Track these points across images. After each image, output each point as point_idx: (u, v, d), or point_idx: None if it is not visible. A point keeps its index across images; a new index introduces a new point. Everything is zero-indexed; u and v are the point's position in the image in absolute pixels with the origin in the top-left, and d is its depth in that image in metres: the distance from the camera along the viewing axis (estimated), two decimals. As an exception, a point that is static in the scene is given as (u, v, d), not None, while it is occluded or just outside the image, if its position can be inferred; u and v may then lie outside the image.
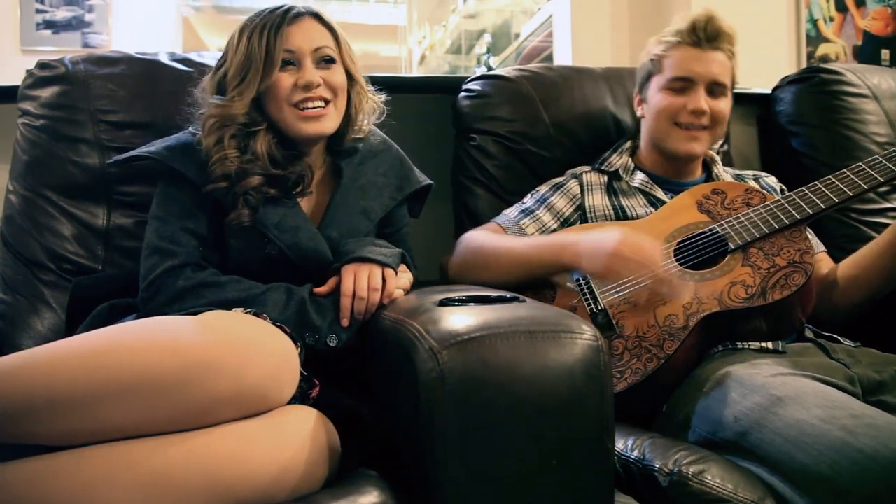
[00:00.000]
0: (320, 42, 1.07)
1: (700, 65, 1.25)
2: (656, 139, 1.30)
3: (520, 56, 4.22)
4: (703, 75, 1.25)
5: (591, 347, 0.75)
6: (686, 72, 1.25)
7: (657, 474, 0.84)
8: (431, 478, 0.71)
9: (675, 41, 1.27)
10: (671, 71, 1.27)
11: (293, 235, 1.05)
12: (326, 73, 1.07)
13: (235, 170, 1.02)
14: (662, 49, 1.28)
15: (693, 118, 1.25)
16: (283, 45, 1.04)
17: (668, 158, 1.31)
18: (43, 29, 2.99)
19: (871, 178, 1.10)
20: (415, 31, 5.70)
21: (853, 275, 1.21)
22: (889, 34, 2.28)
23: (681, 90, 1.26)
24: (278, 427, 0.78)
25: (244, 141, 1.05)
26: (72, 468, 0.71)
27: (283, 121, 1.06)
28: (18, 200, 1.26)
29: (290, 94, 1.05)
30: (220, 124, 1.04)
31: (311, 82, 1.04)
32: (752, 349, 1.08)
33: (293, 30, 1.05)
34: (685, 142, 1.26)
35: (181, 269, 0.99)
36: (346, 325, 0.99)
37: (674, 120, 1.26)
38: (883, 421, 0.79)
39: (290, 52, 1.05)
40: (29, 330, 1.20)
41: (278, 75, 1.04)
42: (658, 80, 1.29)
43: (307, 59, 1.06)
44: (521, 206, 1.33)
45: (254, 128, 1.05)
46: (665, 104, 1.26)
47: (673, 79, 1.26)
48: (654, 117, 1.29)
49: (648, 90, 1.32)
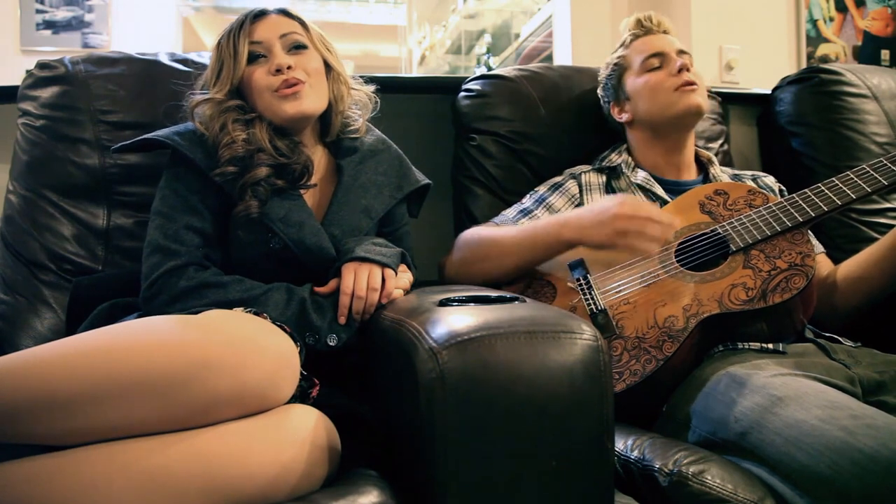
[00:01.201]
0: (286, 29, 1.11)
1: (661, 41, 1.34)
2: (658, 115, 1.31)
3: (520, 56, 4.22)
4: (669, 47, 1.33)
5: (591, 348, 0.75)
6: (654, 48, 1.33)
7: (657, 474, 0.84)
8: (431, 478, 0.71)
9: (629, 38, 1.37)
10: (640, 55, 1.33)
11: (298, 230, 1.05)
12: (298, 58, 1.09)
13: (243, 154, 1.03)
14: (622, 50, 1.38)
15: (680, 76, 1.29)
16: (248, 38, 1.08)
17: (672, 134, 1.32)
18: (43, 29, 2.99)
19: (875, 181, 1.10)
20: (415, 32, 5.70)
21: (854, 277, 1.21)
22: (889, 34, 2.28)
23: (658, 67, 1.31)
24: (278, 427, 0.78)
25: (245, 126, 1.07)
26: (71, 468, 0.71)
27: (266, 109, 1.09)
28: (18, 200, 1.26)
29: (268, 81, 1.07)
30: (218, 110, 1.06)
31: (281, 64, 1.07)
32: (752, 349, 1.08)
33: (257, 25, 1.10)
34: (686, 97, 1.28)
35: (183, 269, 0.99)
36: (344, 322, 0.99)
37: (672, 86, 1.29)
38: (883, 421, 0.79)
39: (257, 44, 1.09)
40: (29, 330, 1.20)
41: (250, 69, 1.08)
42: (631, 72, 1.35)
43: (276, 47, 1.09)
44: (520, 206, 1.34)
45: (250, 114, 1.08)
46: (656, 79, 1.31)
47: (645, 58, 1.32)
48: (649, 97, 1.31)
49: (626, 88, 1.35)
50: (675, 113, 1.29)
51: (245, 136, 1.05)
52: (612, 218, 1.08)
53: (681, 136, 1.33)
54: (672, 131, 1.32)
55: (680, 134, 1.33)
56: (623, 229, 1.07)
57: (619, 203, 1.09)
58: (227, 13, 5.37)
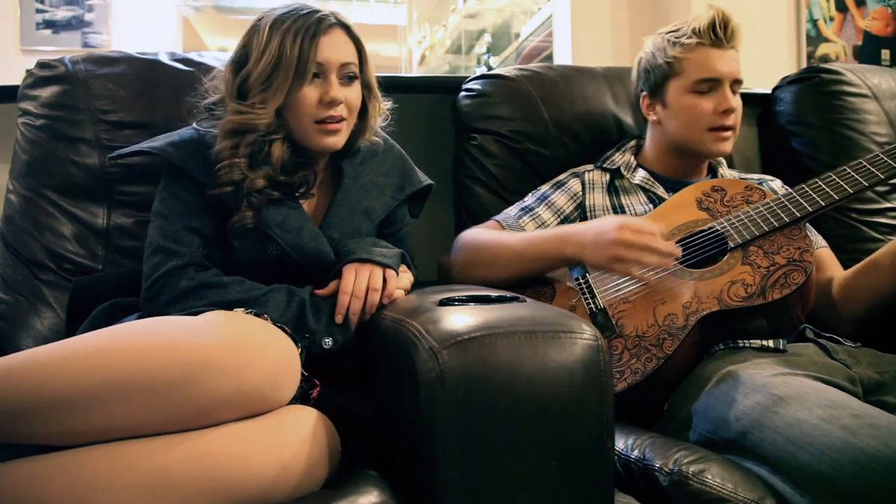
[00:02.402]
0: (348, 58, 1.05)
1: (723, 64, 1.24)
2: (685, 143, 1.28)
3: (520, 56, 4.22)
4: (728, 74, 1.24)
5: (592, 347, 0.75)
6: (712, 72, 1.23)
7: (657, 474, 0.84)
8: (431, 478, 0.71)
9: (694, 42, 1.24)
10: (696, 73, 1.24)
11: (296, 236, 1.04)
12: (347, 91, 1.05)
13: (240, 178, 1.01)
14: (680, 51, 1.25)
15: (723, 118, 1.24)
16: (316, 55, 1.02)
17: (690, 159, 1.31)
18: (43, 29, 2.99)
19: (872, 174, 1.10)
20: (415, 31, 5.70)
21: (866, 281, 1.19)
22: (889, 34, 2.28)
23: (707, 91, 1.24)
24: (279, 427, 0.78)
25: (259, 147, 1.03)
26: (71, 468, 0.71)
27: (302, 133, 1.05)
28: (18, 200, 1.26)
29: (315, 109, 1.03)
30: (241, 130, 1.02)
31: (335, 99, 1.03)
32: (753, 348, 1.08)
33: (325, 40, 1.03)
34: (718, 143, 1.25)
35: (184, 269, 0.99)
36: (340, 321, 0.98)
37: (709, 125, 1.25)
38: (884, 421, 0.79)
39: (320, 65, 1.03)
40: (29, 330, 1.20)
41: (306, 88, 1.02)
42: (679, 83, 1.26)
43: (332, 75, 1.04)
44: (522, 204, 1.34)
45: (272, 136, 1.04)
46: (699, 109, 1.24)
47: (699, 80, 1.24)
48: (685, 122, 1.26)
49: (667, 93, 1.28)
50: (701, 150, 1.28)
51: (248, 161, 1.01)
52: (609, 243, 1.07)
53: (697, 162, 1.32)
54: (690, 156, 1.31)
55: (697, 160, 1.32)
56: (620, 256, 1.07)
57: (619, 227, 1.07)
58: (227, 13, 5.38)
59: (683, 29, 1.27)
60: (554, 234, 1.18)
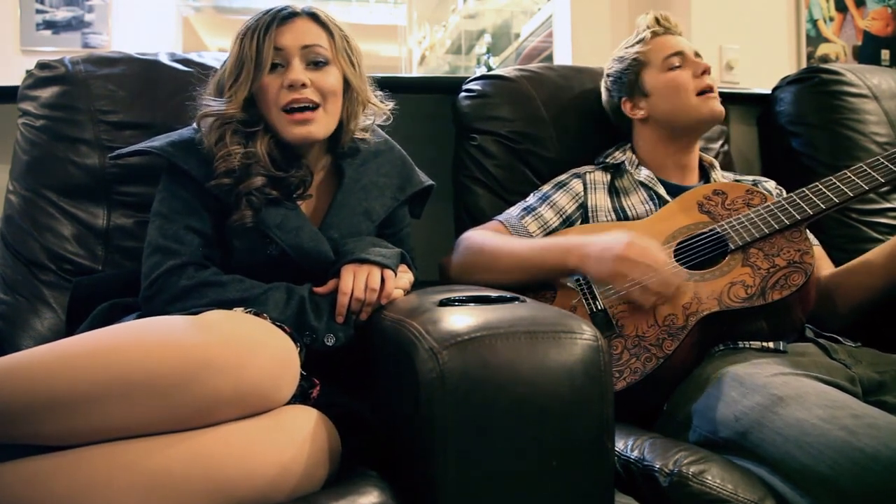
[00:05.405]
0: (310, 40, 1.05)
1: (679, 42, 1.35)
2: (680, 117, 1.31)
3: (520, 56, 4.22)
4: (688, 48, 1.34)
5: (591, 347, 0.75)
6: (676, 47, 1.33)
7: (657, 474, 0.84)
8: (431, 478, 0.71)
9: (649, 34, 1.36)
10: (662, 52, 1.33)
11: (295, 236, 1.04)
12: (316, 75, 1.05)
13: (238, 166, 1.02)
14: (640, 46, 1.36)
15: (703, 79, 1.30)
16: (272, 44, 1.03)
17: (687, 138, 1.33)
18: (43, 29, 2.99)
19: (872, 178, 1.10)
20: (415, 31, 5.70)
21: (855, 279, 1.20)
22: (889, 34, 2.28)
23: (679, 65, 1.32)
24: (278, 427, 0.78)
25: (245, 140, 1.04)
26: (71, 468, 0.71)
27: (276, 125, 1.06)
28: (18, 200, 1.26)
29: (278, 96, 1.04)
30: (220, 122, 1.04)
31: (295, 80, 1.03)
32: (753, 348, 1.08)
33: (283, 29, 1.04)
34: (709, 103, 1.30)
35: (183, 269, 0.99)
36: (342, 322, 0.99)
37: (695, 90, 1.30)
38: (884, 421, 0.79)
39: (279, 51, 1.04)
40: (29, 330, 1.20)
41: (267, 78, 1.04)
42: (651, 69, 1.34)
43: (295, 59, 1.04)
44: (524, 204, 1.34)
45: (252, 128, 1.05)
46: (680, 79, 1.31)
47: (667, 57, 1.32)
48: (672, 96, 1.31)
49: (644, 84, 1.34)
50: (697, 117, 1.30)
51: (243, 150, 1.03)
52: (614, 258, 1.08)
53: (692, 139, 1.35)
54: (686, 133, 1.33)
55: (693, 137, 1.34)
56: (623, 273, 1.07)
57: (626, 244, 1.08)
58: (227, 13, 5.38)
59: (633, 36, 1.39)
60: (557, 243, 1.18)
